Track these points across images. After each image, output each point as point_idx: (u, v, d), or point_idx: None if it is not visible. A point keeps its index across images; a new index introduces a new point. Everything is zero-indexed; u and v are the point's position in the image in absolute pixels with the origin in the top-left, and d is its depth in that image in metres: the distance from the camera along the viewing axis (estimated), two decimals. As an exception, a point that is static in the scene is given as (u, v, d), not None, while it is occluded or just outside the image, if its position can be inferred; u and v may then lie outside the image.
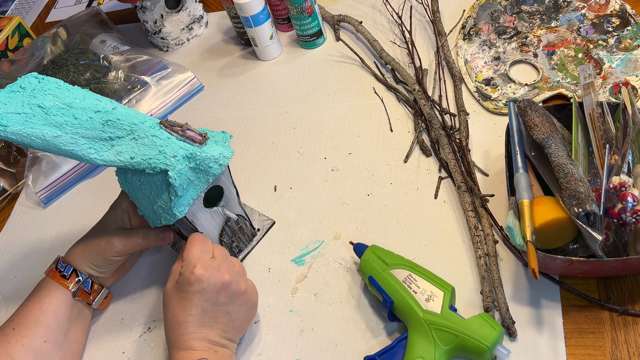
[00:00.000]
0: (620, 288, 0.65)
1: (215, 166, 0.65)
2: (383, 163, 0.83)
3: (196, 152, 0.63)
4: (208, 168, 0.65)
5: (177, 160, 0.62)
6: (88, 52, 1.05)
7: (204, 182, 0.65)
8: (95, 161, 0.61)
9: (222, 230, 0.73)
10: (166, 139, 0.63)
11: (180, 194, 0.63)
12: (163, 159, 0.61)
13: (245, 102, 0.99)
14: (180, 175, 0.62)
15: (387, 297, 0.64)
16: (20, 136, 0.58)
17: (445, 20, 1.00)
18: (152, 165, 0.61)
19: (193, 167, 0.63)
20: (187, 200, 0.64)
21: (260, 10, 0.96)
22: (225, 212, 0.73)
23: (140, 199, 0.66)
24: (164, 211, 0.64)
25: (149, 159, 0.61)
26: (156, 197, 0.64)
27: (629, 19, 0.89)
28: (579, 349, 0.61)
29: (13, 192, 0.98)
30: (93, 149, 0.61)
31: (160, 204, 0.64)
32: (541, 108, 0.71)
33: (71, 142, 0.60)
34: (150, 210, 0.66)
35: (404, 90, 0.92)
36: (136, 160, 0.61)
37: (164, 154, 0.62)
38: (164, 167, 0.61)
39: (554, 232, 0.63)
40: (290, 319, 0.71)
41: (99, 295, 0.73)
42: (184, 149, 0.63)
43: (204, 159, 0.64)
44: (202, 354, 0.61)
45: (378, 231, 0.76)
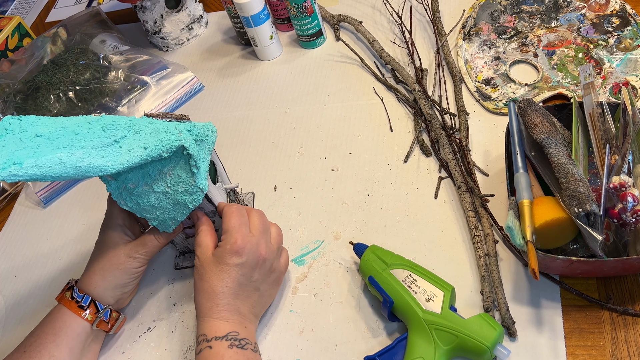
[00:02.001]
0: (620, 288, 0.65)
1: (210, 134, 0.66)
2: (383, 163, 0.83)
3: (192, 125, 0.65)
4: (206, 137, 0.66)
5: (184, 134, 0.62)
6: (88, 52, 1.05)
7: (207, 152, 0.66)
8: (114, 168, 0.58)
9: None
10: (161, 122, 0.64)
11: (199, 165, 0.64)
12: (172, 137, 0.61)
13: (245, 102, 0.99)
14: (193, 146, 0.63)
15: (387, 297, 0.64)
16: (38, 168, 0.55)
17: (445, 20, 1.00)
18: (167, 147, 0.60)
19: (195, 138, 0.64)
20: (203, 174, 0.65)
21: (260, 10, 0.96)
22: (225, 187, 0.73)
23: (155, 203, 0.65)
24: (188, 194, 0.64)
25: (161, 142, 0.61)
26: (175, 185, 0.64)
27: (629, 19, 0.89)
28: (579, 349, 0.61)
29: (13, 192, 0.98)
30: (106, 157, 0.59)
31: (183, 188, 0.64)
32: (541, 108, 0.71)
33: (85, 156, 0.58)
34: (170, 208, 0.65)
35: (404, 90, 0.92)
36: (151, 149, 0.60)
37: (172, 133, 0.62)
38: (178, 143, 0.61)
39: (554, 232, 0.63)
40: (290, 319, 0.71)
41: (117, 323, 0.71)
42: (180, 125, 0.64)
43: (200, 129, 0.65)
44: (235, 326, 0.63)
45: (378, 231, 0.76)
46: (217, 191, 0.71)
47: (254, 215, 0.68)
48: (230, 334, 0.62)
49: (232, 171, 0.89)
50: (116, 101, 0.99)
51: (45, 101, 0.98)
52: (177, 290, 0.77)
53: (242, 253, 0.64)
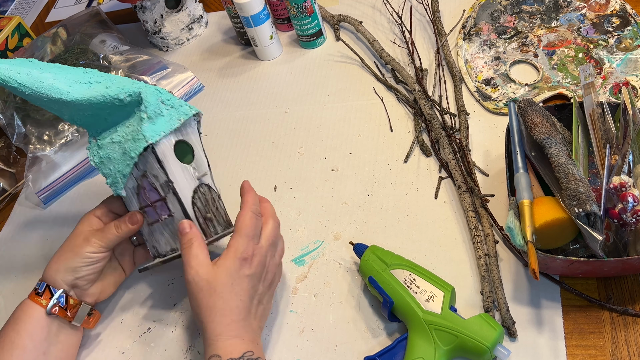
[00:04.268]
0: (621, 288, 0.65)
1: (185, 107, 0.69)
2: (383, 163, 0.83)
3: (166, 91, 0.68)
4: (179, 106, 0.68)
5: (147, 87, 0.66)
6: (88, 52, 1.05)
7: (175, 120, 0.67)
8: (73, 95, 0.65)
9: (195, 192, 0.70)
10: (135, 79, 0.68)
11: (151, 115, 0.65)
12: (136, 86, 0.65)
13: (245, 102, 0.99)
14: (152, 96, 0.65)
15: (387, 297, 0.64)
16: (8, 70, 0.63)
17: (445, 20, 1.00)
18: (126, 90, 0.64)
19: (163, 100, 0.67)
20: (158, 130, 0.65)
21: (260, 10, 0.96)
22: (197, 175, 0.71)
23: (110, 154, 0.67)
24: (134, 142, 0.65)
25: (124, 86, 0.65)
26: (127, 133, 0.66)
27: (629, 19, 0.89)
28: (579, 349, 0.61)
29: (13, 192, 0.98)
30: (72, 87, 0.65)
31: (131, 136, 0.66)
32: (541, 108, 0.71)
33: (53, 78, 0.65)
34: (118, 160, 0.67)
35: (404, 90, 0.92)
36: (111, 89, 0.65)
37: (137, 84, 0.66)
38: (137, 89, 0.64)
39: (554, 232, 0.63)
40: (290, 319, 0.71)
41: (79, 312, 0.69)
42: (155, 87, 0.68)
43: (174, 98, 0.68)
44: (249, 345, 0.59)
45: (378, 231, 0.76)
46: (180, 169, 0.68)
47: (269, 225, 0.66)
48: (245, 355, 0.58)
49: (232, 171, 0.89)
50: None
51: (45, 101, 0.98)
52: (177, 290, 0.77)
53: (253, 263, 0.62)
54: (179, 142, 0.69)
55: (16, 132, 0.97)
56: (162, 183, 0.68)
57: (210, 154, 0.92)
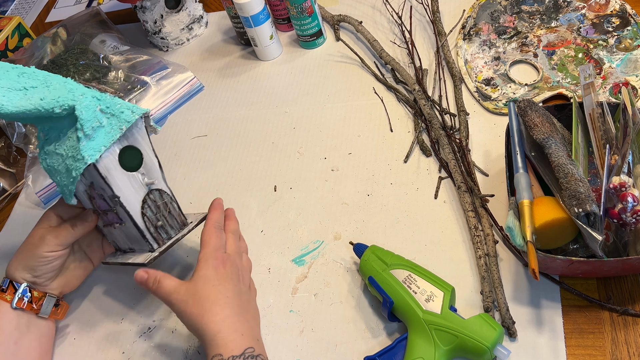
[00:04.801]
0: (620, 288, 0.65)
1: (127, 112, 0.65)
2: (383, 163, 0.83)
3: (106, 96, 0.64)
4: (119, 113, 0.64)
5: (85, 97, 0.62)
6: (88, 52, 1.05)
7: (117, 129, 0.64)
8: (7, 108, 0.61)
9: (144, 202, 0.69)
10: (78, 85, 0.64)
11: (88, 132, 0.62)
12: (72, 96, 0.62)
13: (245, 102, 0.99)
14: (87, 110, 0.61)
15: (387, 297, 0.64)
16: None
17: (445, 20, 1.00)
18: (61, 103, 0.61)
19: (103, 109, 0.63)
20: (97, 146, 0.63)
21: (260, 10, 0.96)
22: (146, 181, 0.69)
23: (56, 165, 0.65)
24: (73, 160, 0.63)
25: (58, 98, 0.62)
26: (68, 148, 0.63)
27: (629, 19, 0.89)
28: (579, 349, 0.61)
29: (13, 192, 0.98)
30: (6, 97, 0.62)
31: (71, 153, 0.63)
32: (541, 108, 0.71)
33: None
34: (64, 174, 0.65)
35: (404, 90, 0.92)
36: (46, 101, 0.62)
37: (72, 93, 0.62)
38: (72, 102, 0.61)
39: (554, 232, 0.63)
40: (290, 319, 0.71)
41: (44, 304, 0.70)
42: (94, 92, 0.64)
43: (115, 103, 0.64)
44: (249, 341, 0.60)
45: (378, 231, 0.76)
46: (126, 179, 0.67)
47: (230, 239, 0.69)
48: (247, 351, 0.58)
49: (232, 171, 0.89)
50: (116, 101, 0.99)
51: (45, 101, 0.98)
52: (177, 291, 0.77)
53: (226, 266, 0.65)
54: (125, 149, 0.67)
55: (16, 132, 0.97)
56: (109, 196, 0.66)
57: (210, 154, 0.93)
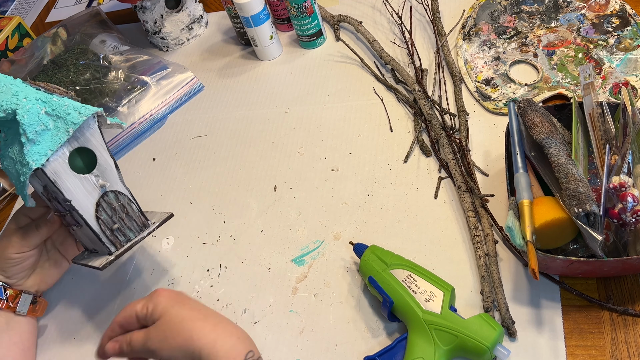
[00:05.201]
0: (620, 288, 0.65)
1: (74, 114, 0.63)
2: (383, 163, 0.83)
3: (52, 98, 0.62)
4: (66, 115, 0.62)
5: (28, 100, 0.60)
6: (88, 52, 1.05)
7: (64, 132, 0.62)
8: None
9: (98, 205, 0.67)
10: (24, 87, 0.62)
11: (31, 137, 0.60)
12: (15, 99, 0.60)
13: (245, 102, 0.99)
14: (30, 115, 0.60)
15: (387, 297, 0.64)
16: None
17: (445, 20, 1.00)
18: (4, 107, 0.60)
19: (49, 112, 0.62)
20: (43, 150, 0.61)
21: (260, 10, 0.96)
22: (101, 183, 0.67)
23: (10, 169, 0.64)
24: (21, 165, 0.61)
25: (2, 102, 0.60)
26: (16, 152, 0.62)
27: (629, 19, 0.89)
28: (579, 349, 0.61)
29: (13, 192, 0.98)
30: None
31: (19, 158, 0.62)
32: (541, 108, 0.71)
33: None
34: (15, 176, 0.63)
35: (404, 90, 0.92)
36: None
37: (16, 96, 0.61)
38: (14, 107, 0.60)
39: (554, 232, 0.63)
40: (290, 319, 0.71)
41: (20, 301, 0.70)
42: (39, 94, 0.62)
43: (61, 105, 0.62)
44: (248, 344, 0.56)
45: (378, 231, 0.76)
46: (78, 182, 0.65)
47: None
48: (247, 356, 0.54)
49: (232, 171, 0.89)
50: (116, 101, 0.99)
51: (45, 101, 0.98)
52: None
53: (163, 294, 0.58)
54: (76, 150, 0.65)
55: (16, 132, 0.97)
56: (61, 200, 0.65)
57: (210, 154, 0.93)
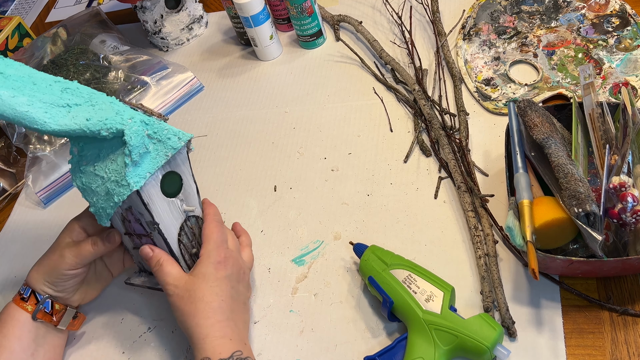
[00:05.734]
0: (620, 288, 0.65)
1: (174, 138, 0.64)
2: (383, 163, 0.83)
3: (153, 121, 0.62)
4: (166, 139, 0.63)
5: (133, 122, 0.60)
6: (88, 52, 1.05)
7: (162, 155, 0.63)
8: (50, 126, 0.59)
9: (181, 229, 0.68)
10: (124, 106, 0.62)
11: (135, 159, 0.60)
12: (120, 119, 0.60)
13: (245, 102, 0.99)
14: (137, 136, 0.60)
15: (387, 297, 0.64)
16: None
17: (445, 20, 1.00)
18: (108, 126, 0.59)
19: (151, 134, 0.62)
20: (143, 172, 0.62)
21: (260, 10, 0.96)
22: (185, 208, 0.68)
23: (93, 186, 0.63)
24: (117, 184, 0.61)
25: (105, 120, 0.60)
26: (110, 171, 0.62)
27: (628, 19, 0.89)
28: (579, 349, 0.61)
29: (13, 192, 0.98)
30: (49, 113, 0.59)
31: (115, 177, 0.61)
32: (541, 108, 0.71)
33: (27, 103, 0.59)
34: (102, 196, 0.63)
35: (404, 90, 0.92)
36: (92, 122, 0.60)
37: (121, 116, 0.60)
38: (120, 127, 0.59)
39: (554, 232, 0.63)
40: (290, 319, 0.71)
41: (64, 316, 0.70)
42: (141, 115, 0.62)
43: (162, 129, 0.63)
44: (237, 344, 0.60)
45: (378, 231, 0.76)
46: (166, 205, 0.66)
47: (229, 234, 0.70)
48: (235, 354, 0.59)
49: (232, 171, 0.89)
50: (116, 101, 0.99)
51: (45, 101, 0.98)
52: (177, 290, 0.77)
53: (227, 265, 0.65)
54: (167, 174, 0.66)
55: (16, 132, 0.97)
56: (147, 222, 0.65)
57: (210, 154, 0.93)
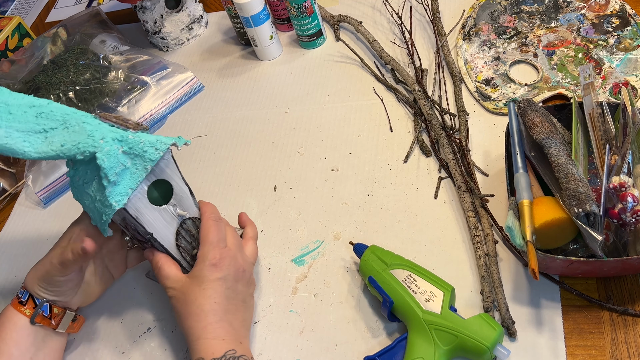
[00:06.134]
0: (620, 288, 0.65)
1: (151, 150, 0.62)
2: (383, 163, 0.83)
3: (127, 136, 0.61)
4: (143, 152, 0.62)
5: (105, 142, 0.60)
6: (88, 52, 1.05)
7: (142, 169, 0.62)
8: (30, 154, 0.60)
9: (178, 233, 0.68)
10: (97, 124, 0.61)
11: (112, 179, 0.60)
12: (92, 141, 0.59)
13: (245, 102, 0.99)
14: (109, 157, 0.59)
15: (387, 297, 0.64)
16: None
17: (445, 20, 1.00)
18: (82, 150, 0.59)
19: (126, 151, 0.61)
20: (124, 190, 0.61)
21: (260, 10, 0.96)
22: (179, 212, 0.68)
23: (86, 202, 0.64)
24: (102, 204, 0.61)
25: (78, 144, 0.59)
26: (95, 191, 0.61)
27: (628, 19, 0.89)
28: (579, 349, 0.61)
29: (13, 192, 0.98)
30: (27, 142, 0.60)
31: (99, 197, 0.61)
32: (541, 108, 0.71)
33: (5, 135, 0.59)
34: (95, 212, 0.63)
35: (404, 90, 0.92)
36: (66, 147, 0.60)
37: (92, 137, 0.60)
38: (93, 149, 0.59)
39: (554, 232, 0.63)
40: (290, 319, 0.71)
41: (63, 319, 0.69)
42: (114, 132, 0.61)
43: (137, 142, 0.61)
44: (231, 344, 0.61)
45: (378, 231, 0.76)
46: (158, 214, 0.65)
47: (229, 231, 0.69)
48: (228, 353, 0.60)
49: (232, 171, 0.89)
50: (116, 101, 0.99)
51: (45, 101, 0.98)
52: (177, 291, 0.77)
53: (222, 266, 0.64)
54: (154, 183, 0.65)
55: (16, 132, 0.97)
56: (142, 233, 0.65)
57: (210, 154, 0.93)
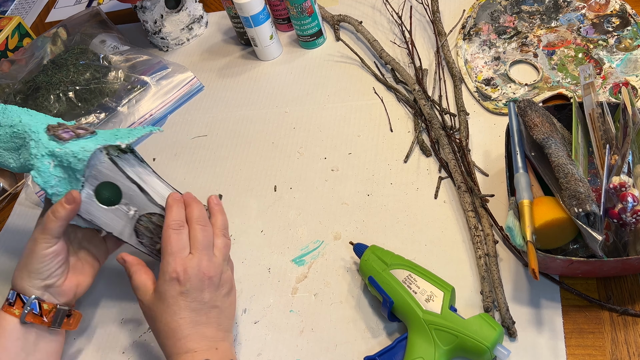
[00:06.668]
0: (620, 288, 0.65)
1: (74, 161, 0.64)
2: (383, 163, 0.83)
3: (55, 150, 0.65)
4: (69, 163, 0.64)
5: (38, 159, 0.65)
6: (88, 52, 1.05)
7: (74, 178, 0.65)
8: (15, 169, 0.68)
9: (136, 230, 0.69)
10: (38, 140, 0.66)
11: (50, 192, 0.65)
12: (31, 159, 0.65)
13: (245, 102, 0.99)
14: (42, 174, 0.65)
15: (387, 297, 0.64)
16: None
17: (445, 20, 1.00)
18: (28, 168, 0.66)
19: (57, 164, 0.65)
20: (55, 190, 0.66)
21: (260, 10, 0.96)
22: (132, 210, 0.68)
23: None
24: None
25: (28, 162, 0.65)
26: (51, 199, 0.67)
27: (629, 19, 0.89)
28: (579, 349, 0.61)
29: (13, 192, 0.98)
30: (12, 158, 0.68)
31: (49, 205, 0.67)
32: (541, 108, 0.71)
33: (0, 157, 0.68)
34: None
35: (404, 90, 0.92)
36: (26, 164, 0.66)
37: (33, 155, 0.65)
38: (31, 167, 0.65)
39: (554, 232, 0.63)
40: (290, 319, 0.71)
41: (56, 316, 0.66)
42: (47, 147, 0.65)
43: (63, 155, 0.65)
44: (204, 354, 0.60)
45: (378, 231, 0.76)
46: (111, 214, 0.67)
47: (195, 230, 0.65)
48: None
49: (232, 171, 0.89)
50: (116, 101, 0.99)
51: (45, 101, 0.98)
52: (177, 291, 0.77)
53: (184, 279, 0.61)
54: (103, 186, 0.66)
55: (16, 132, 0.97)
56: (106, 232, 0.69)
57: (210, 154, 0.93)
